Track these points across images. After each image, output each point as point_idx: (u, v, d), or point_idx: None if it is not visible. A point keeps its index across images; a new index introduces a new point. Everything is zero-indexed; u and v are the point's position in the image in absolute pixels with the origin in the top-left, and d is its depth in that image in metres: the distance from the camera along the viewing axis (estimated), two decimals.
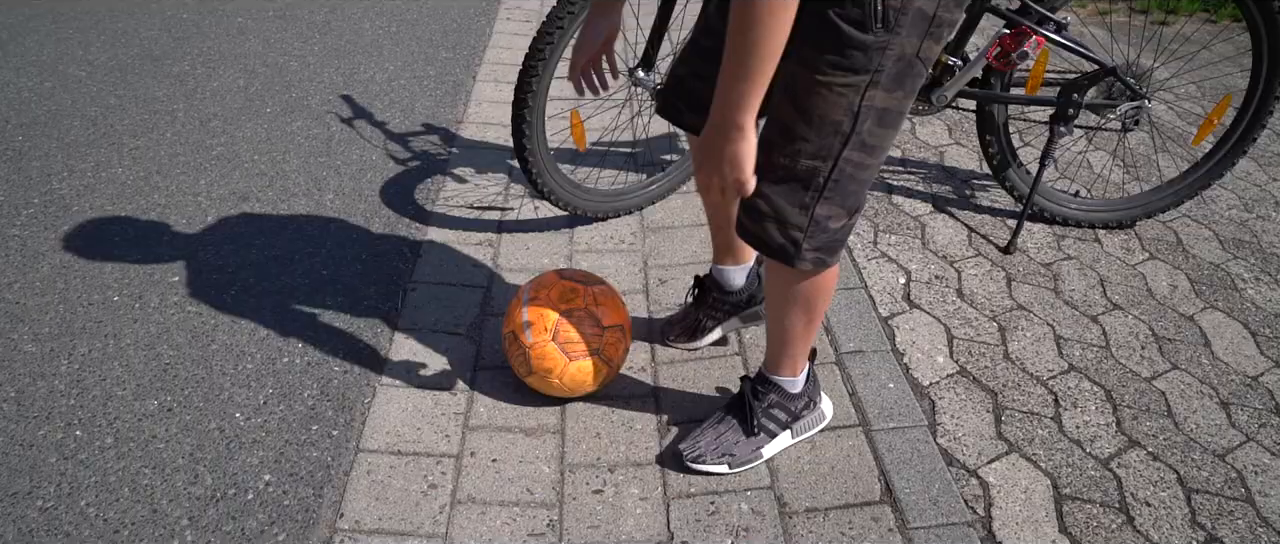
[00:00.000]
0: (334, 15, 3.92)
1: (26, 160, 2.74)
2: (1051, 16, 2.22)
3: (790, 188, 1.34)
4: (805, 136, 1.30)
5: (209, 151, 2.79)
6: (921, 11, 1.23)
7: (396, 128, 2.94)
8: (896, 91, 1.29)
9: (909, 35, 1.24)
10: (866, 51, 1.24)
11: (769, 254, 1.41)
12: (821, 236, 1.37)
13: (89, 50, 3.57)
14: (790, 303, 1.50)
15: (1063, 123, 2.35)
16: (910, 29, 1.24)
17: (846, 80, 1.25)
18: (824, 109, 1.28)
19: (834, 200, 1.35)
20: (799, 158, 1.32)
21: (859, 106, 1.27)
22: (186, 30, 3.77)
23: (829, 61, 1.25)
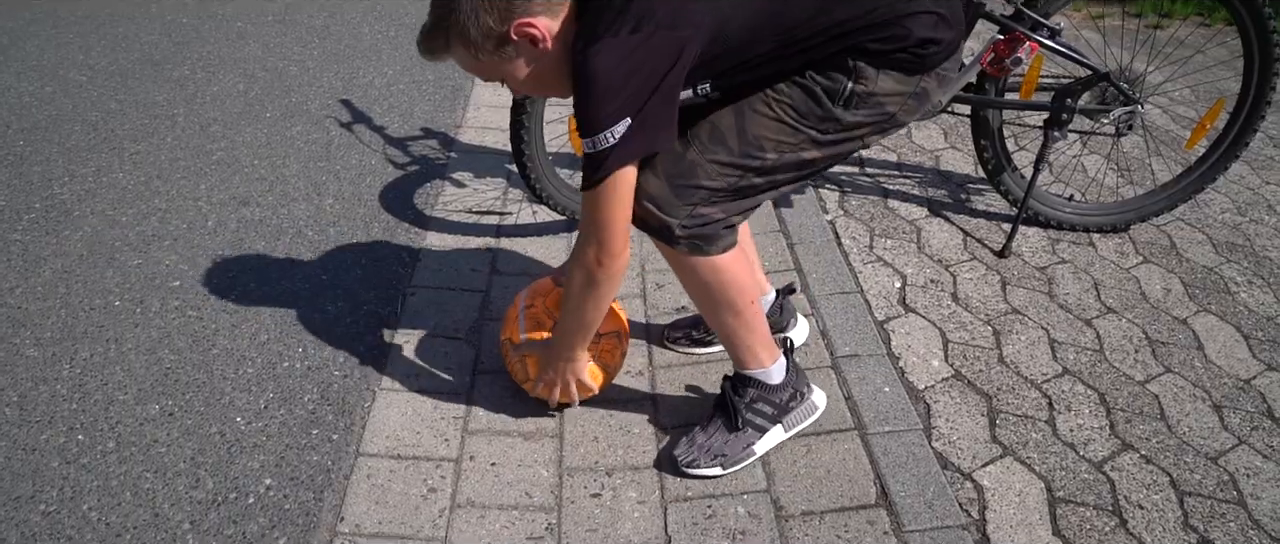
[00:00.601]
0: (333, 20, 3.94)
1: (28, 165, 2.76)
2: (1045, 22, 2.24)
3: (685, 183, 1.42)
4: (729, 146, 1.42)
5: (209, 156, 2.81)
6: (882, 107, 1.42)
7: (395, 132, 2.95)
8: (826, 154, 1.45)
9: (864, 122, 1.42)
10: (824, 116, 1.41)
11: (649, 233, 1.49)
12: (697, 228, 1.45)
13: (89, 55, 3.59)
14: (705, 298, 1.56)
15: (1056, 128, 2.37)
16: (867, 117, 1.42)
17: (794, 123, 1.41)
18: (760, 132, 1.41)
19: (720, 205, 1.45)
20: (709, 161, 1.42)
21: (788, 151, 1.43)
22: (186, 35, 3.79)
23: (791, 102, 1.40)
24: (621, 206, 1.35)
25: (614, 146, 1.27)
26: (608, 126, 1.26)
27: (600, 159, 1.29)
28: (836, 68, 1.37)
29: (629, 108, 1.26)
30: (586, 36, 1.26)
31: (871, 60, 1.36)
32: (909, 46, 1.35)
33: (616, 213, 1.35)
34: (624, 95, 1.25)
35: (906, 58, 1.37)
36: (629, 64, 1.24)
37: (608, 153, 1.28)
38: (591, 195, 1.34)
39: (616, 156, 1.28)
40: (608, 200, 1.33)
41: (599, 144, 1.27)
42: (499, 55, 1.32)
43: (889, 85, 1.39)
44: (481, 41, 1.30)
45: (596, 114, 1.26)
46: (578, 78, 1.26)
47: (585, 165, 1.32)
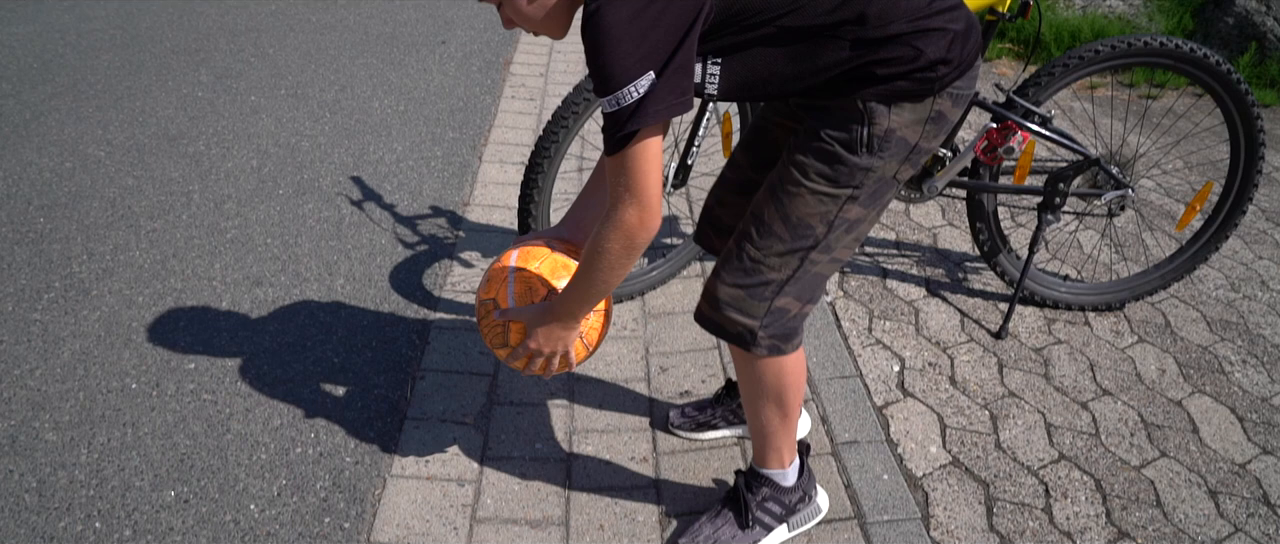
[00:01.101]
0: (343, 94, 4.04)
1: (48, 243, 2.83)
2: (1036, 110, 2.31)
3: (756, 281, 1.45)
4: (780, 235, 1.42)
5: (223, 234, 2.88)
6: (904, 141, 1.37)
7: (405, 210, 3.02)
8: (871, 208, 1.43)
9: (891, 160, 1.39)
10: (851, 170, 1.38)
11: (727, 339, 1.51)
12: (777, 325, 1.48)
13: (108, 129, 3.68)
14: (760, 395, 1.58)
15: (1050, 211, 2.43)
16: (892, 155, 1.38)
17: (829, 191, 1.39)
18: (803, 212, 1.41)
19: (793, 294, 1.46)
20: (769, 254, 1.43)
21: (835, 217, 1.41)
22: (202, 109, 3.88)
23: (818, 171, 1.39)
24: (654, 167, 1.29)
25: (640, 102, 1.22)
26: (630, 81, 1.22)
27: (623, 117, 1.24)
28: (848, 117, 1.36)
29: (651, 62, 1.22)
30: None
31: (881, 98, 1.34)
32: (918, 69, 1.32)
33: (651, 173, 1.29)
34: (645, 48, 1.21)
35: (915, 85, 1.33)
36: (647, 17, 1.20)
37: (633, 110, 1.23)
38: (621, 158, 1.28)
39: (644, 113, 1.23)
40: (641, 160, 1.27)
41: (622, 100, 1.23)
42: None
43: (904, 118, 1.36)
44: None
45: (617, 68, 1.21)
46: (592, 29, 1.21)
47: (607, 126, 1.27)
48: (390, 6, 5.50)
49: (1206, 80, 2.34)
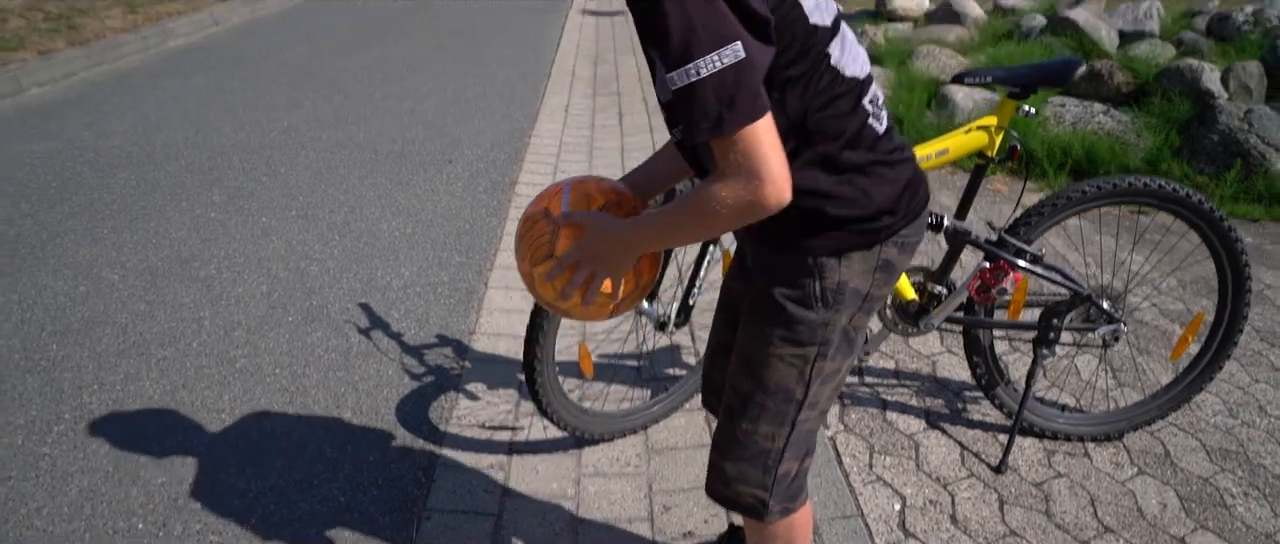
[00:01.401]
0: (353, 215, 4.14)
1: (59, 371, 2.88)
2: (1027, 249, 2.38)
3: (754, 453, 1.48)
4: (764, 405, 1.45)
5: (232, 364, 2.93)
6: (856, 291, 1.41)
7: (412, 339, 3.08)
8: (842, 358, 1.46)
9: (846, 311, 1.42)
10: (811, 327, 1.40)
11: (741, 512, 1.54)
12: (784, 490, 1.51)
13: (122, 251, 3.77)
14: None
15: (1045, 346, 2.48)
16: (847, 306, 1.41)
17: (797, 352, 1.42)
18: (778, 379, 1.44)
19: (791, 456, 1.50)
20: (759, 424, 1.47)
21: (810, 375, 1.44)
22: (214, 230, 3.97)
23: (780, 335, 1.42)
24: (776, 144, 1.16)
25: (742, 62, 1.12)
26: (714, 49, 1.11)
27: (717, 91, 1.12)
28: (799, 272, 1.37)
29: (736, 32, 1.13)
30: None
31: (830, 251, 1.36)
32: (866, 219, 1.33)
33: (775, 151, 1.16)
34: (728, 19, 1.13)
35: (862, 237, 1.35)
36: None
37: (735, 73, 1.11)
38: (732, 143, 1.14)
39: (746, 82, 1.12)
40: (761, 143, 1.14)
41: (706, 68, 1.11)
42: None
43: (854, 268, 1.37)
44: None
45: (697, 32, 1.11)
46: None
47: (696, 103, 1.13)
48: (399, 124, 5.67)
49: (1190, 218, 2.41)
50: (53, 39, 7.76)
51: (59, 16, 8.36)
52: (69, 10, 8.63)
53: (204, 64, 7.69)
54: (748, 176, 1.15)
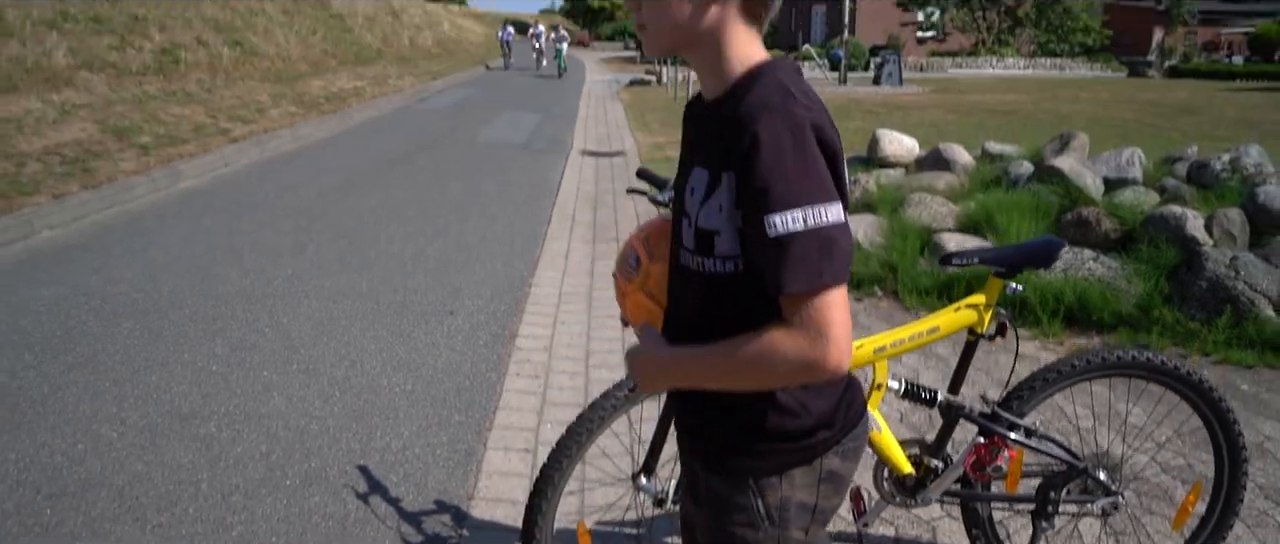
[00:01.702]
0: (353, 370, 4.17)
1: (53, 538, 2.85)
2: (1021, 423, 2.41)
3: None
4: None
5: (229, 530, 2.91)
6: (803, 505, 1.40)
7: (410, 505, 3.06)
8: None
9: (796, 526, 1.40)
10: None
11: None
12: None
13: (122, 406, 3.78)
14: None
15: (1044, 518, 2.48)
16: (795, 521, 1.40)
17: None
18: None
19: None
20: None
21: None
22: (215, 385, 4.00)
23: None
24: (846, 312, 1.17)
25: (837, 225, 1.14)
26: (824, 202, 1.14)
27: (821, 239, 1.13)
28: (742, 498, 1.37)
29: (836, 195, 1.16)
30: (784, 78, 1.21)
31: (771, 469, 1.35)
32: (803, 434, 1.34)
33: (845, 318, 1.16)
34: (830, 183, 1.16)
35: (800, 453, 1.35)
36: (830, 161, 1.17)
37: (831, 233, 1.13)
38: (812, 303, 1.14)
39: (845, 242, 1.15)
40: (837, 309, 1.15)
41: (813, 220, 1.13)
42: None
43: (796, 483, 1.36)
44: None
45: (815, 181, 1.14)
46: (793, 125, 1.15)
47: (788, 251, 1.13)
48: (401, 271, 5.77)
49: (1181, 390, 2.45)
50: (67, 182, 7.97)
51: (75, 160, 8.60)
52: (85, 153, 8.89)
53: (212, 206, 7.87)
54: (817, 335, 1.14)
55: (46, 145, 8.81)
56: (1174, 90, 23.11)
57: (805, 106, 1.17)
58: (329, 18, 24.76)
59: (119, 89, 11.61)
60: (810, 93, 1.22)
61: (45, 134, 9.12)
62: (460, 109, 17.35)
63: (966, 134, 12.43)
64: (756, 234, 1.16)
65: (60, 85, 10.56)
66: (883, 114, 16.00)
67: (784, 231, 1.13)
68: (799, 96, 1.18)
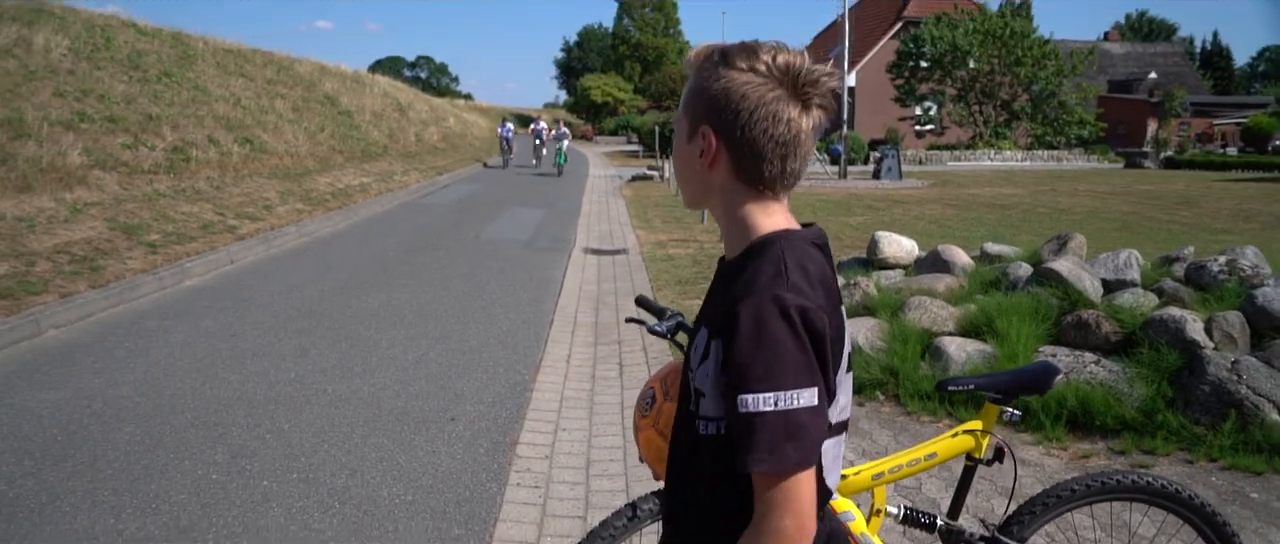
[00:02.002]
0: (353, 480, 4.15)
1: None
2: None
3: None
4: None
5: None
6: None
7: None
8: None
9: None
10: None
11: None
12: None
13: (120, 517, 3.75)
14: None
15: None
16: None
17: None
18: None
19: None
20: None
21: None
22: (215, 494, 3.97)
23: None
24: (813, 490, 1.21)
25: (807, 410, 1.17)
26: (796, 387, 1.17)
27: (788, 424, 1.16)
28: None
29: (817, 379, 1.19)
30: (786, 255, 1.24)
31: None
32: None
33: (810, 497, 1.20)
34: (815, 367, 1.19)
35: None
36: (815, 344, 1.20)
37: (800, 419, 1.17)
38: (786, 479, 1.18)
39: (815, 428, 1.18)
40: (805, 489, 1.19)
41: (784, 403, 1.17)
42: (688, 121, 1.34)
43: None
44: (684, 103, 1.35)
45: (790, 367, 1.17)
46: (772, 309, 1.19)
47: (761, 429, 1.17)
48: (403, 376, 5.78)
49: (1184, 513, 2.43)
50: (75, 281, 8.05)
51: (83, 258, 8.70)
52: (94, 252, 8.99)
53: (216, 305, 7.93)
54: (791, 522, 1.17)
55: (56, 244, 8.92)
56: (1171, 181, 23.42)
57: (795, 290, 1.20)
58: (337, 114, 25.27)
59: (130, 187, 11.80)
60: (808, 272, 1.25)
61: (56, 232, 9.24)
62: (465, 205, 17.59)
63: (966, 228, 12.57)
64: (731, 408, 1.20)
65: (73, 184, 10.74)
66: (883, 209, 16.19)
67: (753, 411, 1.17)
68: (791, 278, 1.22)
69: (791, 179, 1.32)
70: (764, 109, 1.26)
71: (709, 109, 1.30)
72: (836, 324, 1.26)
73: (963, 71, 35.45)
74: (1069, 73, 35.51)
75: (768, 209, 1.33)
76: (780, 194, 1.33)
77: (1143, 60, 50.13)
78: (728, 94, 1.27)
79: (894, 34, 40.64)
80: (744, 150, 1.29)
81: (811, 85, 1.27)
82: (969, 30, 34.50)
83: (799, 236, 1.31)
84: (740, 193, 1.33)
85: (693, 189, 1.39)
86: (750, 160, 1.29)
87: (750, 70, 1.27)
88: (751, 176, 1.31)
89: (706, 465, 1.33)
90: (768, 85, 1.26)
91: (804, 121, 1.28)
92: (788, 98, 1.26)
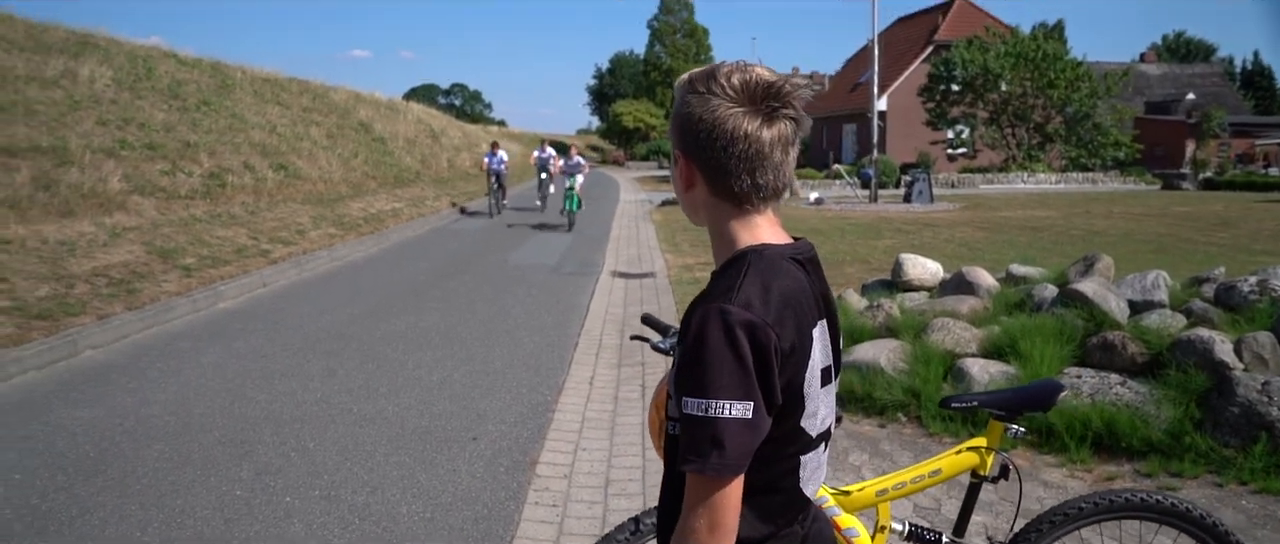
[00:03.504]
0: (374, 497, 4.20)
1: None
2: None
3: None
4: None
5: None
6: None
7: None
8: None
9: None
10: None
11: None
12: None
13: (146, 531, 3.83)
14: None
15: None
16: None
17: None
18: None
19: None
20: None
21: None
22: (238, 510, 4.04)
23: None
24: (737, 497, 1.26)
25: (737, 421, 1.22)
26: (726, 398, 1.22)
27: (714, 431, 1.22)
28: None
29: (755, 396, 1.23)
30: (747, 272, 1.29)
31: None
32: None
33: (733, 513, 1.25)
34: (753, 383, 1.23)
35: None
36: (757, 358, 1.24)
37: (726, 428, 1.22)
38: (706, 482, 1.23)
39: (740, 439, 1.22)
40: (728, 499, 1.24)
41: (713, 411, 1.22)
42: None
43: None
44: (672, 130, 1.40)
45: (723, 378, 1.22)
46: (716, 321, 1.23)
47: (691, 431, 1.24)
48: (427, 396, 5.84)
49: (1197, 534, 2.41)
50: (112, 303, 8.24)
51: (120, 281, 8.90)
52: (131, 275, 9.19)
53: (248, 328, 8.07)
54: (705, 522, 1.24)
55: (95, 267, 9.13)
56: (1209, 203, 23.05)
57: (744, 304, 1.25)
58: (371, 141, 25.65)
59: (167, 212, 12.06)
60: (769, 287, 1.28)
61: (95, 256, 9.46)
62: (493, 229, 17.72)
63: (996, 251, 12.47)
64: (676, 407, 1.28)
65: (113, 209, 11.00)
66: (913, 232, 16.10)
67: (686, 413, 1.25)
68: (742, 293, 1.26)
69: (767, 192, 1.36)
70: (719, 127, 1.31)
71: (680, 134, 1.37)
72: (800, 339, 1.30)
73: (995, 94, 35.20)
74: (1104, 94, 35.14)
75: (749, 224, 1.38)
76: (761, 207, 1.38)
77: (1180, 81, 49.48)
78: (689, 117, 1.34)
79: (925, 58, 40.51)
80: (712, 169, 1.35)
81: (773, 98, 1.32)
82: (1000, 53, 34.29)
83: (773, 252, 1.35)
84: (721, 209, 1.38)
85: (686, 209, 1.46)
86: (719, 178, 1.35)
87: (708, 93, 1.32)
88: (725, 193, 1.36)
89: (672, 463, 1.39)
90: (725, 104, 1.31)
91: (765, 134, 1.31)
92: (748, 114, 1.31)
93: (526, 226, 18.01)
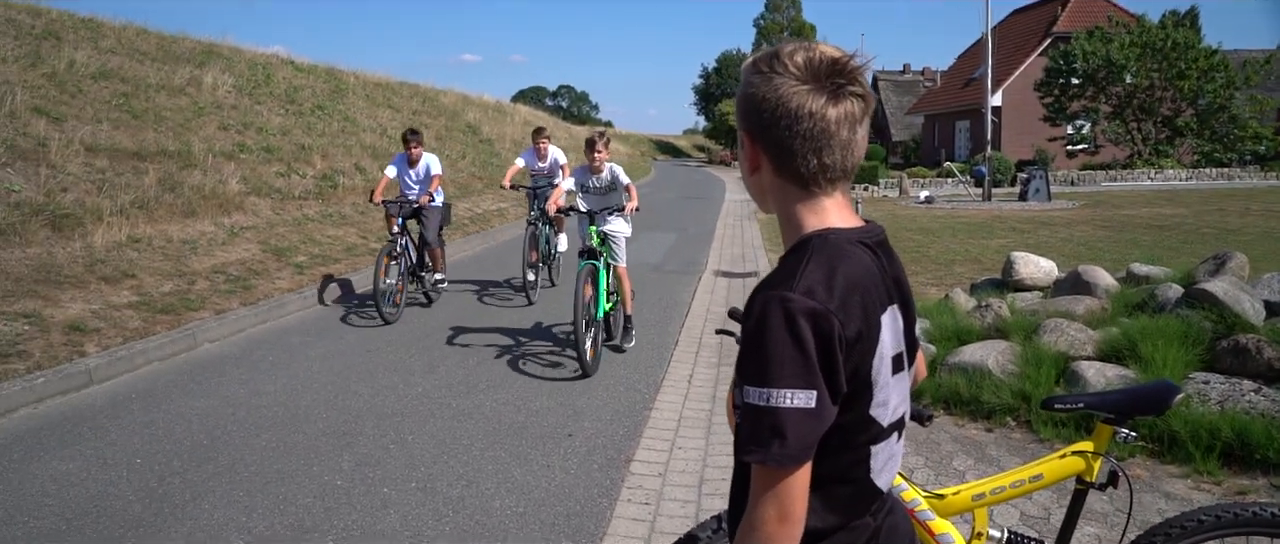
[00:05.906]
0: (469, 490, 4.24)
1: None
2: None
3: None
4: None
5: None
6: None
7: None
8: None
9: None
10: None
11: None
12: None
13: (251, 516, 3.96)
14: None
15: None
16: None
17: None
18: None
19: None
20: None
21: None
22: (337, 499, 4.14)
23: None
24: (804, 485, 1.21)
25: (798, 411, 1.18)
26: (787, 387, 1.18)
27: (775, 420, 1.18)
28: None
29: (818, 383, 1.19)
30: (811, 257, 1.25)
31: None
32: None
33: (800, 488, 1.21)
34: (815, 371, 1.19)
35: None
36: (820, 346, 1.19)
37: (788, 418, 1.18)
38: (771, 472, 1.19)
39: (802, 429, 1.18)
40: (793, 478, 1.20)
41: (774, 400, 1.18)
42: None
43: None
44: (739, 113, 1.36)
45: (784, 367, 1.18)
46: (777, 311, 1.20)
47: (749, 420, 1.20)
48: (525, 393, 5.88)
49: None
50: (229, 298, 8.61)
51: (237, 278, 9.29)
52: (247, 272, 9.59)
53: (355, 323, 8.30)
54: (773, 511, 1.20)
55: (215, 264, 9.56)
56: None
57: (805, 292, 1.21)
58: (479, 142, 26.18)
59: (282, 212, 12.54)
60: (833, 273, 1.23)
61: (215, 254, 9.90)
62: None
63: (1118, 250, 11.85)
64: (739, 396, 1.24)
65: (231, 210, 11.49)
66: (1028, 231, 15.47)
67: (747, 402, 1.21)
68: (804, 280, 1.22)
69: (835, 172, 1.31)
70: (783, 106, 1.27)
71: (745, 116, 1.34)
72: (866, 326, 1.24)
73: (1118, 87, 33.52)
74: (1242, 84, 33.03)
75: (816, 207, 1.33)
76: (829, 189, 1.33)
77: None
78: (753, 98, 1.30)
79: (1042, 51, 38.92)
80: (777, 150, 1.31)
81: (838, 74, 1.26)
82: (1124, 43, 32.64)
83: (839, 236, 1.30)
84: (787, 193, 1.35)
85: (753, 194, 1.42)
86: (785, 159, 1.31)
87: (772, 72, 1.29)
88: (791, 175, 1.32)
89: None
90: (789, 83, 1.27)
91: (831, 112, 1.26)
92: (813, 92, 1.26)
93: None
